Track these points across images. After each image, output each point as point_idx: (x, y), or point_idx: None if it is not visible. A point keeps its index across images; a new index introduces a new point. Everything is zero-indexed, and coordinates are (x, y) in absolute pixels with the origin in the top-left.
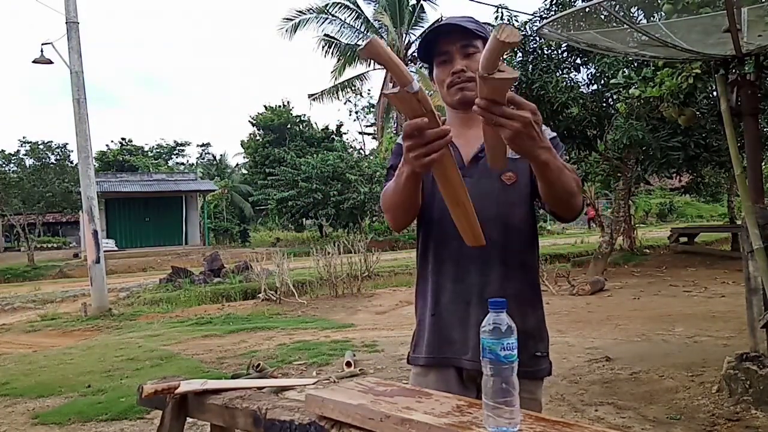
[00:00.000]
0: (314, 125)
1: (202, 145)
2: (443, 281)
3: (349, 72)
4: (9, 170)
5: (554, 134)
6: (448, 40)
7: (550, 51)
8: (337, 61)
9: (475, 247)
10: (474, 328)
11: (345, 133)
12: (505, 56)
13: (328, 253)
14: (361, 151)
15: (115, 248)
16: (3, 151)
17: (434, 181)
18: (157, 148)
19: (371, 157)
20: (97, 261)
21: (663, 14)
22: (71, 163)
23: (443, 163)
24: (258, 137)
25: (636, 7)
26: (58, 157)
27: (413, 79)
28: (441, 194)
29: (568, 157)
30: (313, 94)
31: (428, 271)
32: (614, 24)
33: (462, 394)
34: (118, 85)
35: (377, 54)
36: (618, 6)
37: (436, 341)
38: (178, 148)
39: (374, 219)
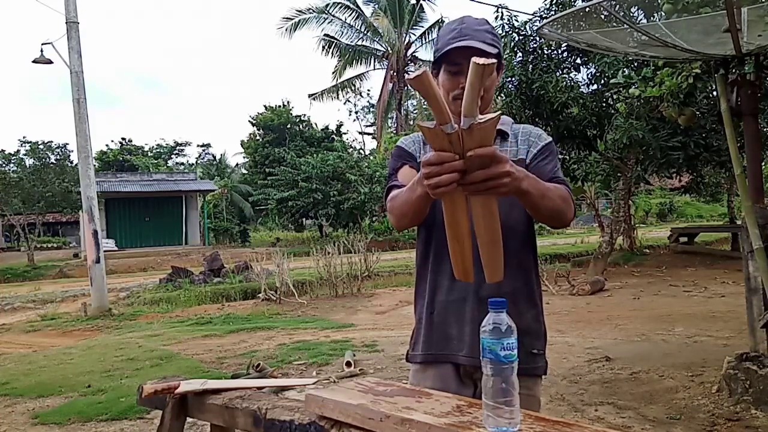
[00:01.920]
0: (314, 125)
1: (202, 145)
2: (441, 279)
3: (349, 72)
4: (9, 170)
5: (549, 139)
6: (462, 53)
7: (550, 51)
8: (338, 62)
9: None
10: (470, 324)
11: (345, 133)
12: (505, 56)
13: (328, 253)
14: (361, 151)
15: (115, 248)
16: (3, 151)
17: None
18: (157, 148)
19: (371, 157)
20: (97, 261)
21: (663, 14)
22: (71, 163)
23: (454, 200)
24: (258, 137)
25: (636, 7)
26: (58, 157)
27: (451, 120)
28: None
29: (568, 157)
30: (313, 94)
31: (427, 270)
32: (614, 24)
33: (459, 390)
34: (118, 85)
35: (425, 87)
36: (618, 6)
37: (433, 338)
38: (178, 148)
39: (374, 219)
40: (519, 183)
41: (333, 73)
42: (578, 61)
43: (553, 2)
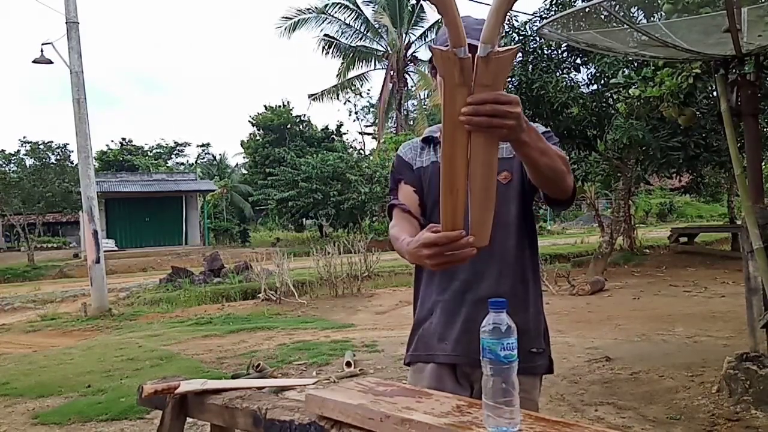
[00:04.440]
0: (314, 126)
1: (202, 145)
2: (438, 279)
3: (350, 72)
4: (9, 170)
5: (547, 129)
6: None
7: (550, 51)
8: (342, 63)
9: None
10: (466, 325)
11: (345, 133)
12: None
13: (328, 253)
14: (361, 151)
15: (115, 248)
16: (3, 151)
17: (437, 186)
18: (156, 148)
19: (371, 157)
20: (97, 261)
21: (663, 14)
22: (71, 163)
23: (455, 142)
24: (258, 137)
25: (636, 7)
26: (58, 157)
27: (465, 45)
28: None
29: (567, 157)
30: (313, 94)
31: (424, 271)
32: (614, 24)
33: (455, 390)
34: (118, 85)
35: (444, 3)
36: (618, 6)
37: (430, 339)
38: (177, 148)
39: (374, 219)
40: (521, 130)
41: (337, 75)
42: (578, 61)
43: (553, 2)
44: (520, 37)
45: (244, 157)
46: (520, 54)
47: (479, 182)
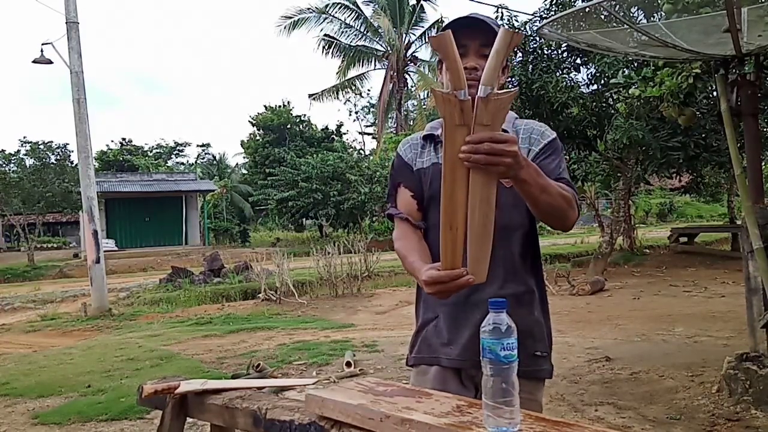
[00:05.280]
0: (314, 126)
1: (202, 145)
2: None
3: (350, 72)
4: (9, 170)
5: (553, 135)
6: (470, 34)
7: (550, 51)
8: (342, 62)
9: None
10: (471, 329)
11: (345, 133)
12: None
13: (328, 253)
14: (361, 151)
15: (115, 248)
16: (3, 151)
17: (437, 188)
18: (156, 149)
19: (371, 157)
20: (97, 261)
21: (663, 14)
22: (71, 163)
23: (455, 179)
24: (258, 137)
25: (636, 7)
26: (58, 157)
27: (465, 88)
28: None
29: (568, 157)
30: (313, 94)
31: None
32: (614, 24)
33: (459, 392)
34: (118, 85)
35: (445, 49)
36: (618, 6)
37: (433, 343)
38: (177, 148)
39: (374, 219)
40: (519, 168)
41: (337, 73)
42: (578, 61)
43: (553, 2)
44: None
45: (244, 157)
46: (520, 54)
47: (478, 218)
